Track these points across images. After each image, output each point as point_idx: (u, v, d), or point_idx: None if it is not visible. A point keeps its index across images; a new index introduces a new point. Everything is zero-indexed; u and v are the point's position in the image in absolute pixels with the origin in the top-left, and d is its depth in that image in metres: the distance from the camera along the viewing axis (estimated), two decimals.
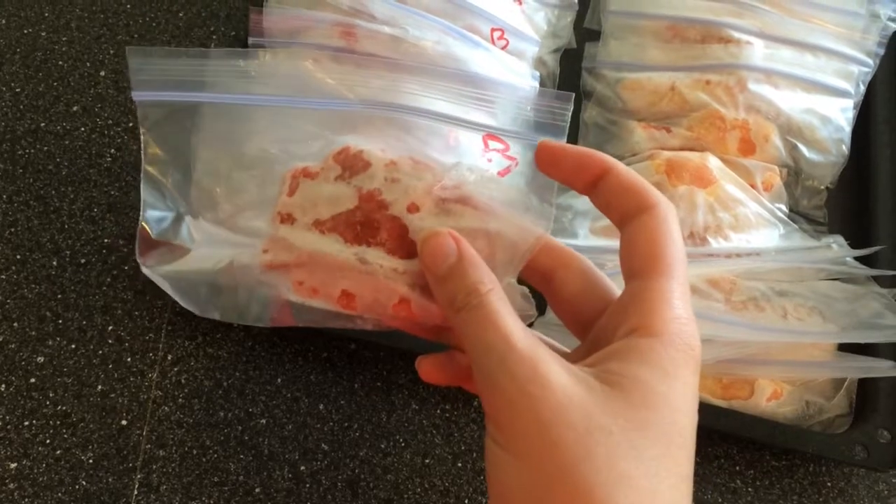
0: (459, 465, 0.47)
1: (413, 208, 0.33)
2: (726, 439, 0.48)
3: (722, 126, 0.54)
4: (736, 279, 0.48)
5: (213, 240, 0.39)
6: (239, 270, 0.37)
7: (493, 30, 0.57)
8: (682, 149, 0.54)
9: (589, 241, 0.50)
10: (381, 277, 0.34)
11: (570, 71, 0.60)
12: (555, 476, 0.27)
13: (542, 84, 0.57)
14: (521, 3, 0.59)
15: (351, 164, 0.34)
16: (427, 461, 0.47)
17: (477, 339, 0.30)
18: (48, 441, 0.45)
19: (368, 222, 0.34)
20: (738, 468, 0.48)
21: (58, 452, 0.45)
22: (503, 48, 0.57)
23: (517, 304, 0.34)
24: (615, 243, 0.49)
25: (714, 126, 0.54)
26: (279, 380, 0.48)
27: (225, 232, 0.38)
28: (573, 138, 0.57)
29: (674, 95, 0.56)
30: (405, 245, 0.34)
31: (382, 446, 0.47)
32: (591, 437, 0.27)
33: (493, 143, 0.39)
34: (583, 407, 0.28)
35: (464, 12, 0.56)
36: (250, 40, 0.52)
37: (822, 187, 0.56)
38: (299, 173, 0.35)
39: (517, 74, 0.56)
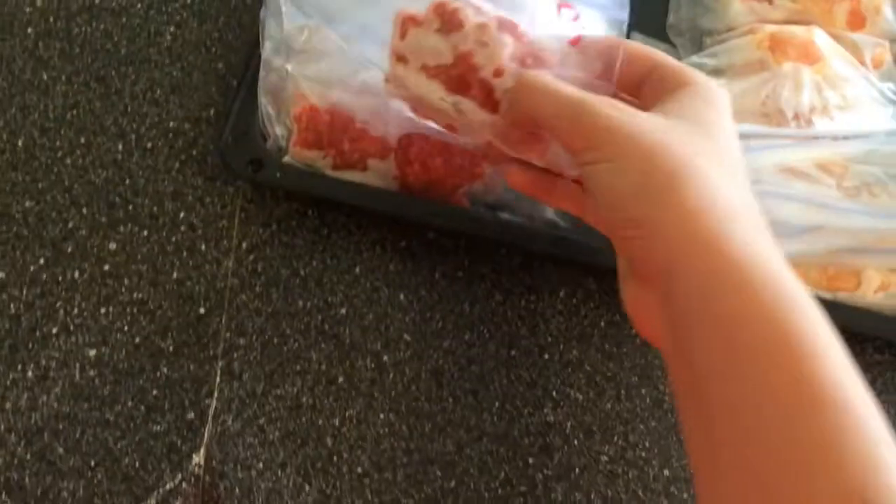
0: (546, 357, 0.45)
1: (498, 73, 0.38)
2: None
3: None
4: (847, 163, 0.45)
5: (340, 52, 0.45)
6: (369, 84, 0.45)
7: None
8: (785, 22, 0.50)
9: None
10: (475, 124, 0.39)
11: None
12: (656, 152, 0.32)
13: None
14: None
15: (448, 20, 0.38)
16: (512, 353, 0.45)
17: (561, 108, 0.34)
18: (126, 328, 0.44)
19: (463, 79, 0.39)
20: None
21: (137, 340, 0.44)
22: None
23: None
24: None
25: None
26: (357, 269, 0.47)
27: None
28: (663, 11, 0.53)
29: None
30: (492, 101, 0.38)
31: (466, 337, 0.45)
32: (683, 145, 0.32)
33: (565, 11, 0.41)
34: (669, 127, 0.32)
35: None
36: None
37: None
38: (408, 19, 0.39)
39: None
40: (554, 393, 0.45)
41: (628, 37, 0.51)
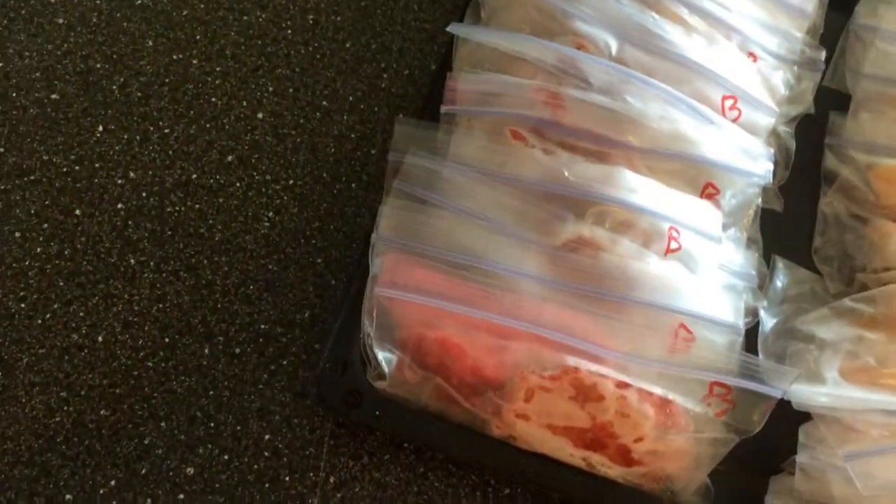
0: None
1: (639, 440, 0.39)
2: None
3: None
4: None
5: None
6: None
7: (724, 98, 0.47)
8: None
9: (840, 389, 0.41)
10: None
11: (806, 142, 0.50)
12: None
13: (774, 164, 0.47)
14: (755, 60, 0.49)
15: (585, 392, 0.39)
16: None
17: None
18: None
19: (598, 441, 0.40)
20: None
21: None
22: (734, 120, 0.47)
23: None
24: (878, 396, 0.41)
25: None
26: None
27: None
28: (809, 232, 0.48)
29: None
30: (628, 459, 0.40)
31: None
32: None
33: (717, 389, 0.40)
34: None
35: (693, 75, 0.46)
36: (443, 109, 0.44)
37: None
38: (535, 386, 0.39)
39: (750, 155, 0.46)
40: None
41: (768, 262, 0.46)
